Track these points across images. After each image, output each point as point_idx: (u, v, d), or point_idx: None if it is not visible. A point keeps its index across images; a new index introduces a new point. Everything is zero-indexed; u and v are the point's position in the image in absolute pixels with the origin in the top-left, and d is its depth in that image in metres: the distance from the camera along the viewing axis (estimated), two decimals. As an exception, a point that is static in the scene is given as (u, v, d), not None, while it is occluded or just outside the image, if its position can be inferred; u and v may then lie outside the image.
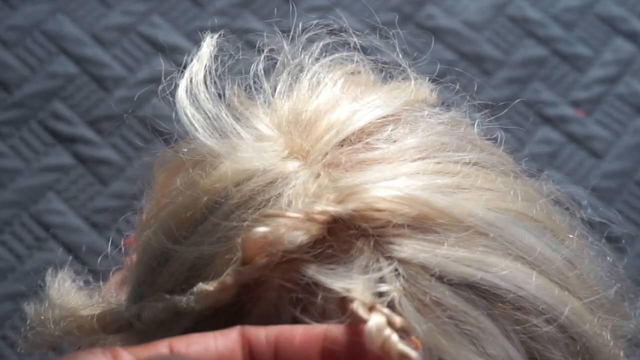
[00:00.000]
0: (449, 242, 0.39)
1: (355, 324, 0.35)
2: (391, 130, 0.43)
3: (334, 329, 0.36)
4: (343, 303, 0.36)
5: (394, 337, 0.34)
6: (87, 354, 0.33)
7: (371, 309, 0.35)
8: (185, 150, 0.45)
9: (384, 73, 0.51)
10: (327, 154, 0.42)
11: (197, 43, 0.47)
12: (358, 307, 0.35)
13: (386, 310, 0.35)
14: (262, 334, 0.35)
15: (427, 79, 0.50)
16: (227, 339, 0.35)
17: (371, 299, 0.36)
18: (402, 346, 0.34)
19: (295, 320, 0.37)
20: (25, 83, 1.14)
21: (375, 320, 0.35)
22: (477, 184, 0.42)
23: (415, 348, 0.34)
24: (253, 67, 0.47)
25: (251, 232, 0.38)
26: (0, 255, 1.03)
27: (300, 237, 0.38)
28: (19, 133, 1.11)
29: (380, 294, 0.37)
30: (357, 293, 0.36)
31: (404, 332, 0.35)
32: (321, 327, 0.36)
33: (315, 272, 0.38)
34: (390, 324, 0.35)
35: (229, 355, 0.35)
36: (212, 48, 0.47)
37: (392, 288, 0.37)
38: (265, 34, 0.49)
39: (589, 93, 1.17)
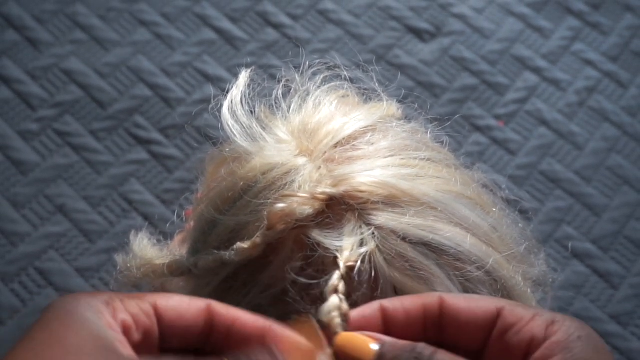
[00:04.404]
0: (410, 213, 0.38)
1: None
2: (370, 136, 0.43)
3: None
4: (334, 261, 0.36)
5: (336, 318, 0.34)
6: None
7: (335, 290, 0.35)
8: (227, 149, 0.44)
9: (365, 96, 0.50)
10: (325, 152, 0.41)
11: (235, 75, 0.46)
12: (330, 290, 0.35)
13: (341, 296, 0.35)
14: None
15: (395, 100, 0.50)
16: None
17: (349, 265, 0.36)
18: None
19: (300, 269, 0.37)
20: (115, 102, 1.13)
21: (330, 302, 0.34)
22: (430, 174, 0.42)
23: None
24: (274, 92, 0.46)
25: (273, 207, 0.38)
26: (98, 222, 1.03)
27: (307, 210, 0.37)
28: (111, 137, 1.10)
29: (361, 249, 0.37)
30: (347, 250, 0.36)
31: (344, 316, 0.34)
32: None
33: (317, 235, 0.37)
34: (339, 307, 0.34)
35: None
36: (246, 79, 0.46)
37: (371, 246, 0.37)
38: (282, 69, 0.49)
39: (507, 110, 1.17)
